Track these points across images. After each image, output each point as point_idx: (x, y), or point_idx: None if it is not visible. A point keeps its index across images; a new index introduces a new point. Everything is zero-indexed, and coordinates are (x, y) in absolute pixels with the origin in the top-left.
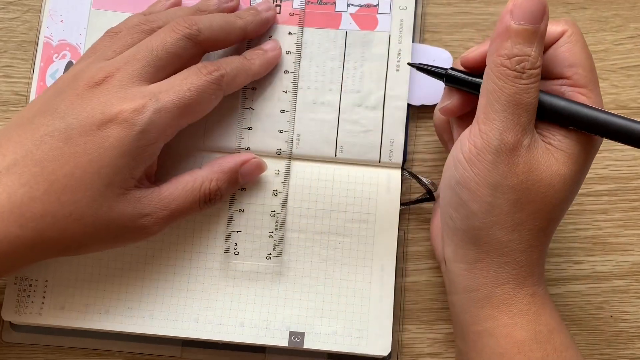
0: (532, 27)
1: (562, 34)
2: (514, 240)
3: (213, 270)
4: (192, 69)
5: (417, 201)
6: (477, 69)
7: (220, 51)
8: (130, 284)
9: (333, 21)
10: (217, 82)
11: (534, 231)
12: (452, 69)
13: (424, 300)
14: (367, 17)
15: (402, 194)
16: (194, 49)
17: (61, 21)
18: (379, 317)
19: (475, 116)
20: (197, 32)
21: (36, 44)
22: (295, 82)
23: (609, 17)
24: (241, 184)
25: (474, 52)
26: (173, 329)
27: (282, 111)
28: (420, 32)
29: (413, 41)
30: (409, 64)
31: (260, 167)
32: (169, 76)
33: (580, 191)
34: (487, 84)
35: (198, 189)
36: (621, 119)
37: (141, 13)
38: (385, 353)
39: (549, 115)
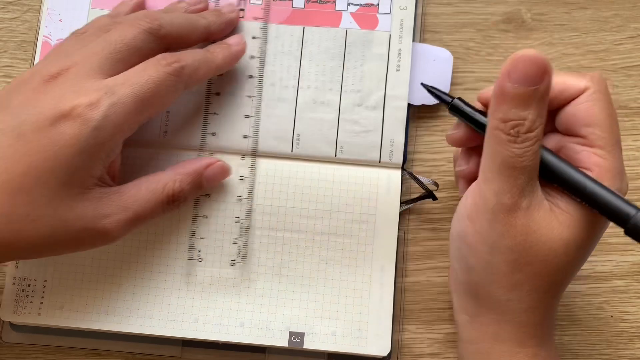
0: (529, 90)
1: (584, 90)
2: (513, 300)
3: (175, 275)
4: (151, 60)
5: (417, 199)
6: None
7: None
8: (129, 283)
9: (333, 20)
10: (176, 73)
11: (534, 293)
12: (459, 99)
13: (423, 300)
14: (367, 17)
15: (402, 194)
16: (154, 44)
17: (60, 20)
18: (378, 318)
19: (479, 172)
20: (158, 27)
21: (35, 43)
22: (260, 87)
23: (609, 17)
24: (205, 188)
25: (490, 90)
26: (173, 329)
27: (247, 116)
28: (421, 32)
29: (413, 41)
30: (422, 84)
31: (225, 171)
32: None
33: None
34: (486, 143)
35: (161, 190)
36: (619, 201)
37: (107, 15)
38: (384, 353)
39: (554, 180)
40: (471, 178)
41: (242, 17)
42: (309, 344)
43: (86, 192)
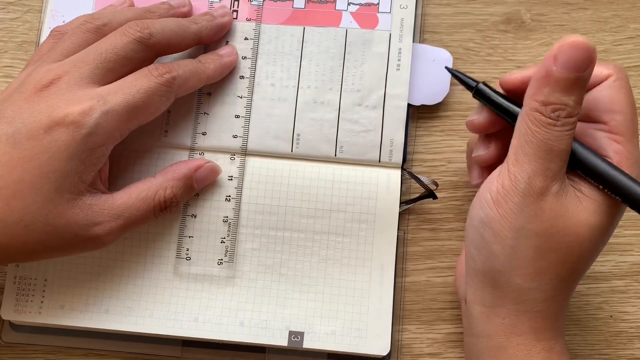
0: (575, 76)
1: (606, 78)
2: (533, 289)
3: (167, 274)
4: (143, 70)
5: (417, 199)
6: (513, 92)
7: (175, 55)
8: (129, 282)
9: (333, 20)
10: (167, 84)
11: (555, 281)
12: (484, 83)
13: (423, 300)
14: (367, 16)
15: (402, 194)
16: (145, 52)
17: (63, 21)
18: (378, 317)
19: (507, 156)
20: (148, 35)
21: (37, 43)
22: (251, 88)
23: (609, 18)
24: (197, 189)
25: (514, 75)
26: (173, 329)
27: (237, 116)
28: (420, 33)
29: (413, 42)
30: (446, 67)
31: (215, 171)
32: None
33: None
34: (521, 125)
35: (152, 198)
36: None
37: (89, 14)
38: (384, 353)
39: (577, 166)
40: (490, 165)
41: (235, 17)
42: (308, 344)
43: (78, 198)
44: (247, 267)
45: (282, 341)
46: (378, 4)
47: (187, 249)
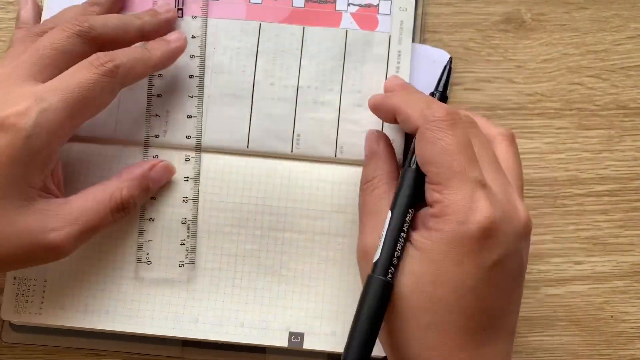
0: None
1: (416, 131)
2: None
3: (122, 271)
4: (84, 62)
5: None
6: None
7: None
8: (129, 284)
9: (333, 20)
10: (110, 74)
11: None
12: None
13: None
14: (367, 17)
15: None
16: (86, 46)
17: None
18: None
19: None
20: (88, 29)
21: None
22: (201, 87)
23: (609, 17)
24: (153, 190)
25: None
26: (173, 329)
27: (189, 117)
28: (421, 32)
29: (413, 41)
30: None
31: (169, 170)
32: None
33: (580, 191)
34: None
35: (108, 199)
36: None
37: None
38: (384, 353)
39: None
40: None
41: (180, 15)
42: (308, 344)
43: (28, 204)
44: (247, 268)
45: (283, 342)
46: (378, 5)
47: (147, 253)
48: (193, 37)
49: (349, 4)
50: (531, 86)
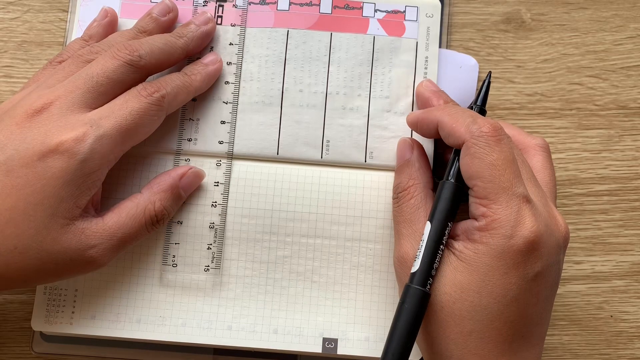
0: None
1: (461, 146)
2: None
3: (154, 279)
4: (132, 91)
5: None
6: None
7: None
8: (161, 292)
9: (360, 26)
10: (158, 103)
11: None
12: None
13: None
14: (394, 24)
15: None
16: (136, 74)
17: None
18: None
19: None
20: (138, 58)
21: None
22: (236, 93)
23: (609, 17)
24: (184, 197)
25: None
26: (206, 337)
27: (222, 122)
28: (447, 36)
29: (440, 47)
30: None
31: (199, 176)
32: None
33: (580, 191)
34: None
35: (142, 214)
36: None
37: (81, 38)
38: (417, 358)
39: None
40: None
41: (220, 23)
42: (342, 350)
43: (71, 223)
44: (279, 275)
45: (317, 348)
46: (404, 11)
47: (174, 256)
48: (230, 44)
49: (375, 10)
50: (531, 86)
